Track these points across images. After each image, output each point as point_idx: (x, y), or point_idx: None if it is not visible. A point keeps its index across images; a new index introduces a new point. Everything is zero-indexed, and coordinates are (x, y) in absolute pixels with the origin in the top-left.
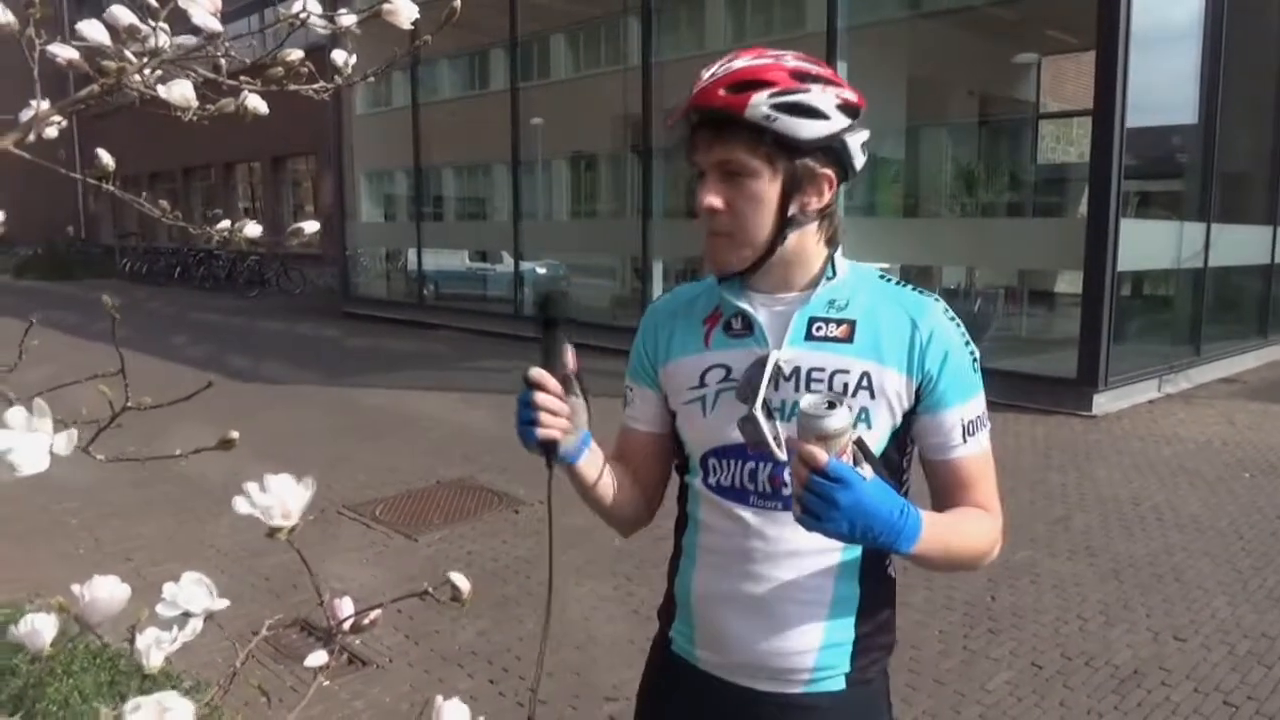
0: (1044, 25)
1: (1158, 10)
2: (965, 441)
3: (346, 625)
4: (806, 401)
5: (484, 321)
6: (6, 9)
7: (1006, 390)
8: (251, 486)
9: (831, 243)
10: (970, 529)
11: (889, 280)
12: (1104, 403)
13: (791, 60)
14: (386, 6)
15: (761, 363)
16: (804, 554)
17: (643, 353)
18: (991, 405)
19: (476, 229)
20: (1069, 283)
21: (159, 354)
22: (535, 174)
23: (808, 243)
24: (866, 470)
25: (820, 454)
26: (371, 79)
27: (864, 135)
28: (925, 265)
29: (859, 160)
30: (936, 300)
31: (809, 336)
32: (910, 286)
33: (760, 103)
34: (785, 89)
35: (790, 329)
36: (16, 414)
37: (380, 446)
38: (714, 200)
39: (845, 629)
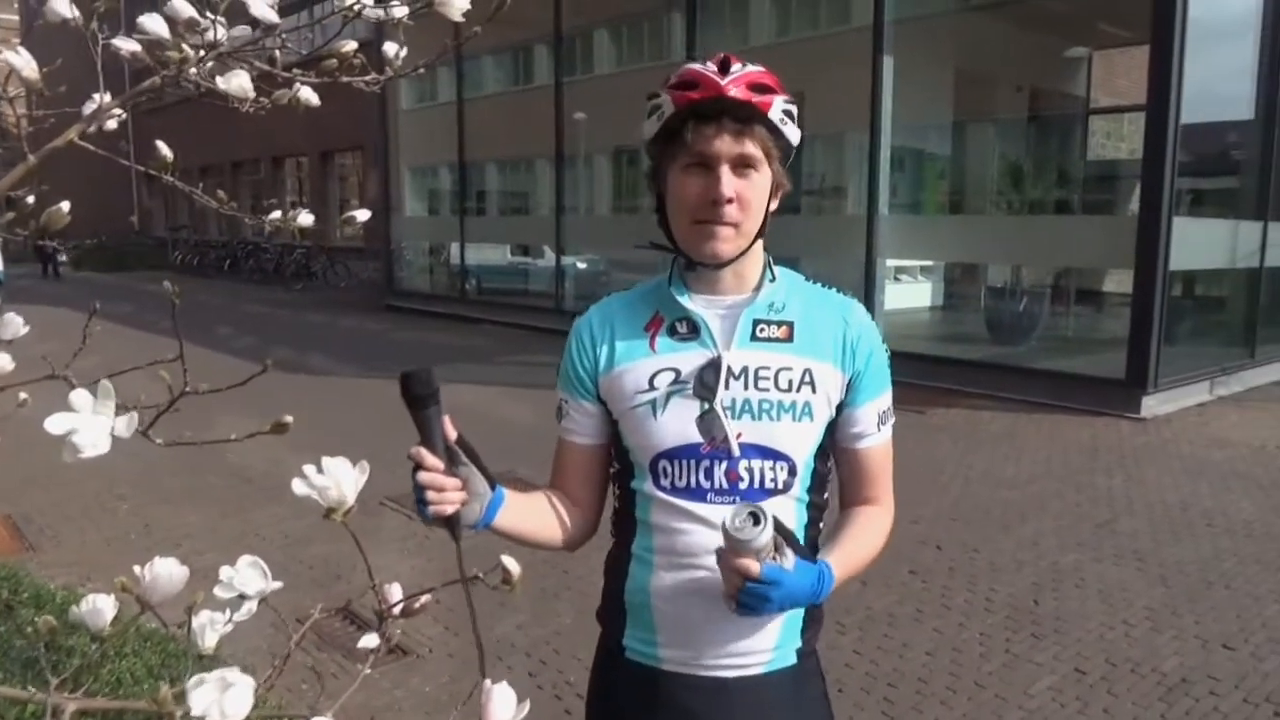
0: (1095, 18)
1: (1215, 3)
2: (879, 430)
3: (397, 610)
4: (731, 522)
5: (525, 316)
6: (71, 4)
7: (1052, 391)
8: (309, 469)
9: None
10: (869, 540)
11: (814, 283)
12: (1153, 405)
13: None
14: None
15: (715, 363)
16: None
17: (578, 364)
18: (1037, 406)
19: (519, 224)
20: (1117, 282)
21: (207, 344)
22: (578, 169)
23: (759, 244)
24: (789, 558)
25: (753, 566)
26: (421, 71)
27: None
28: (970, 263)
29: None
30: (855, 299)
31: (754, 337)
32: (834, 289)
33: (779, 105)
34: (787, 98)
35: (737, 330)
36: (81, 396)
37: None
38: (732, 192)
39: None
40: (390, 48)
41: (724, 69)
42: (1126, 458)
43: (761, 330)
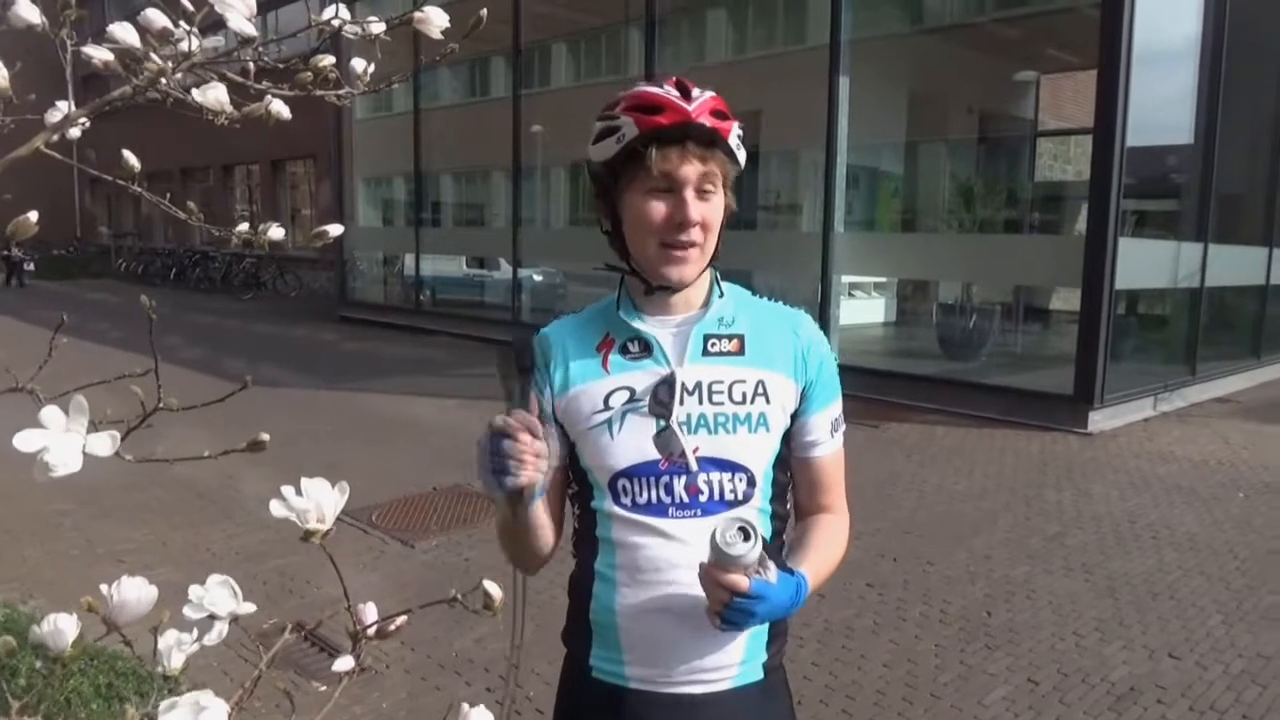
0: (1044, 44)
1: (1159, 31)
2: (832, 438)
3: (371, 631)
4: (721, 537)
5: (481, 328)
6: (38, 10)
7: (1002, 406)
8: (288, 490)
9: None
10: (833, 549)
11: (760, 297)
12: (1100, 420)
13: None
14: (418, 15)
15: (669, 380)
16: None
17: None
18: (988, 420)
19: (475, 235)
20: (1065, 300)
21: (149, 352)
22: (535, 181)
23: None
24: (772, 571)
25: (742, 581)
26: (396, 85)
27: None
28: (922, 280)
29: None
30: (806, 313)
31: (705, 352)
32: (780, 302)
33: (735, 131)
34: (740, 125)
35: (689, 346)
36: (52, 413)
37: (376, 452)
38: (699, 215)
39: None
40: (359, 63)
41: (685, 93)
42: (1074, 472)
43: (713, 345)
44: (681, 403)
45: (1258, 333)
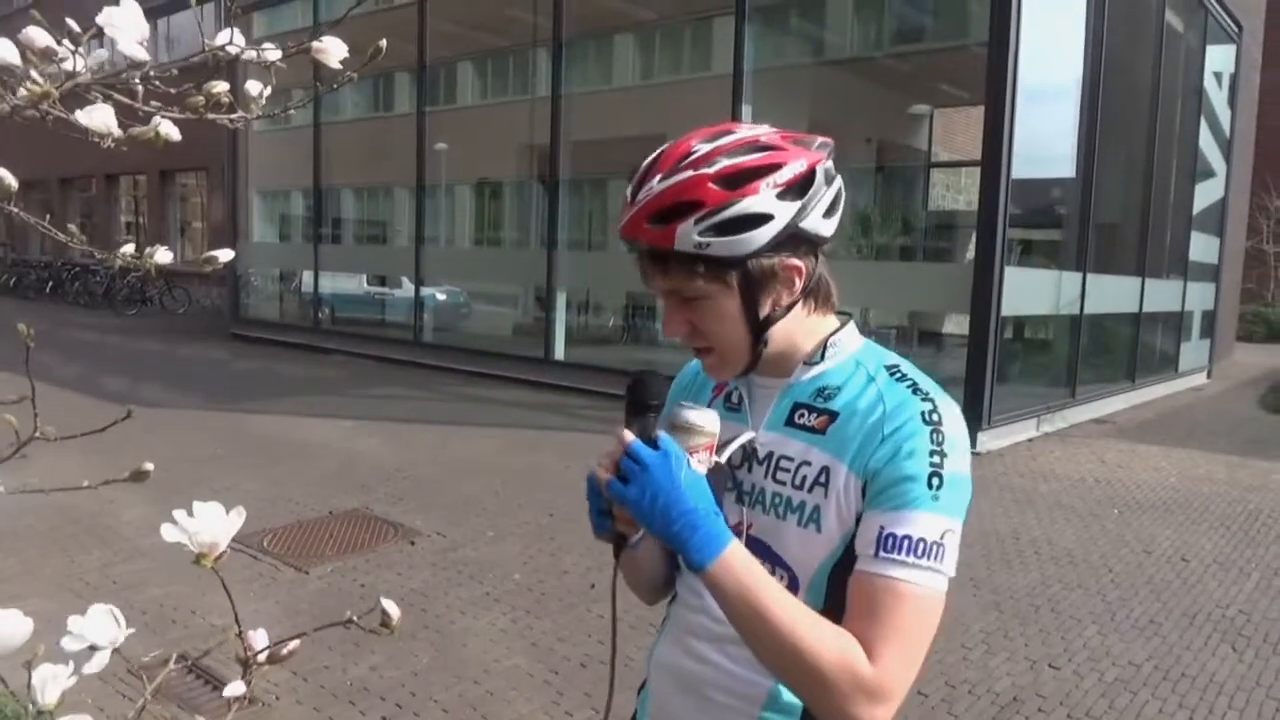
0: (937, 79)
1: (1042, 71)
2: (876, 555)
3: (263, 657)
4: (688, 402)
5: (382, 347)
6: None
7: None
8: (179, 513)
9: (826, 306)
10: (804, 621)
11: (895, 373)
12: (987, 440)
13: (722, 159)
14: (317, 45)
15: (747, 442)
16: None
17: (669, 404)
18: None
19: (376, 253)
20: (956, 324)
21: (22, 373)
22: (439, 199)
23: (795, 326)
24: (701, 467)
25: (628, 434)
26: (292, 111)
27: (827, 196)
28: None
29: (826, 227)
30: (926, 399)
31: (789, 422)
32: (910, 383)
33: (688, 232)
34: (713, 208)
35: (772, 411)
36: None
37: (270, 475)
38: (677, 329)
39: None
40: (254, 86)
41: (644, 179)
42: None
43: (800, 416)
44: (750, 470)
45: (1132, 357)
